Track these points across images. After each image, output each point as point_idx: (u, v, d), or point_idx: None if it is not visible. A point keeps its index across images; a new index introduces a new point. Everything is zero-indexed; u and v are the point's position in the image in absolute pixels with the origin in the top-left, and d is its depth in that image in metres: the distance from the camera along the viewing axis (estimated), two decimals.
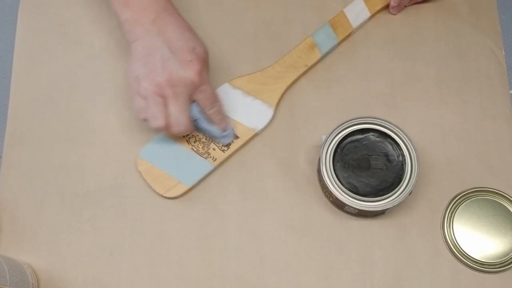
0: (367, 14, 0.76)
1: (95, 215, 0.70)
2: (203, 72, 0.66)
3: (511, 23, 0.78)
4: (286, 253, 0.69)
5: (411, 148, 0.66)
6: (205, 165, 0.71)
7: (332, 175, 0.66)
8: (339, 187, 0.66)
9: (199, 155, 0.71)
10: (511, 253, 0.68)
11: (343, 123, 0.67)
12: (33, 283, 0.66)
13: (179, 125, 0.66)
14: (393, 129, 0.67)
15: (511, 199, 0.69)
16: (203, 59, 0.66)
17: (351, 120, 0.67)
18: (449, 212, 0.69)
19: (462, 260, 0.68)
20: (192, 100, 0.67)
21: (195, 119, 0.68)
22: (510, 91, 0.74)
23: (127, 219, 0.70)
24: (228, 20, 0.78)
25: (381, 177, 0.66)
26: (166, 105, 0.65)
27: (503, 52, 0.76)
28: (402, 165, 0.66)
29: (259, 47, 0.76)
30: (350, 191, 0.66)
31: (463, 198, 0.70)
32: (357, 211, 0.66)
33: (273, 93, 0.73)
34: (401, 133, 0.67)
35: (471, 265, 0.67)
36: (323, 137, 0.68)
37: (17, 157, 0.73)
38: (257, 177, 0.71)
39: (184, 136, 0.72)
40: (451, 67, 0.75)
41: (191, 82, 0.65)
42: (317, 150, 0.70)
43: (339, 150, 0.67)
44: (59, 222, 0.70)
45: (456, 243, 0.68)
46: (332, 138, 0.67)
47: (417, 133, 0.72)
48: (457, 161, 0.71)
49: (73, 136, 0.73)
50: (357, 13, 0.76)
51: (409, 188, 0.65)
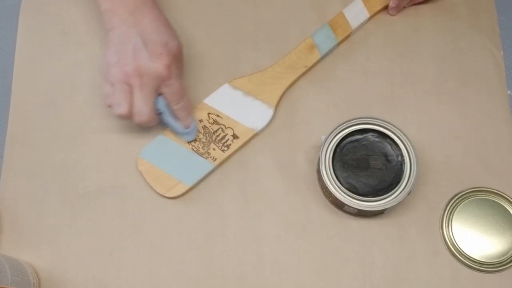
0: (366, 14, 0.76)
1: (96, 215, 0.70)
2: (172, 66, 0.67)
3: (509, 24, 0.78)
4: (285, 252, 0.69)
5: (410, 148, 0.66)
6: (205, 165, 0.71)
7: (331, 175, 0.66)
8: (338, 187, 0.66)
9: (199, 155, 0.71)
10: (510, 253, 0.68)
11: (343, 124, 0.68)
12: (34, 283, 0.66)
13: (141, 115, 0.67)
14: (392, 130, 0.67)
15: (509, 199, 0.70)
16: (174, 54, 0.67)
17: (351, 120, 0.68)
18: (448, 211, 0.70)
19: (460, 259, 0.68)
20: (159, 93, 0.68)
21: (160, 112, 0.69)
22: (508, 92, 0.75)
23: (127, 218, 0.70)
24: (228, 20, 0.78)
25: (380, 177, 0.66)
26: (131, 94, 0.66)
27: (502, 52, 0.76)
28: (401, 165, 0.66)
29: (259, 48, 0.76)
30: (349, 191, 0.66)
31: (461, 198, 0.70)
32: (356, 211, 0.67)
33: (273, 93, 0.73)
34: (400, 133, 0.67)
35: (470, 264, 0.68)
36: (323, 137, 0.68)
37: (18, 157, 0.73)
38: (257, 177, 0.72)
39: None
40: (450, 68, 0.76)
41: (158, 74, 0.66)
42: (316, 150, 0.71)
43: (338, 150, 0.67)
44: (60, 221, 0.70)
45: (454, 243, 0.68)
46: (331, 138, 0.67)
47: (416, 133, 0.72)
48: (455, 161, 0.72)
49: (73, 135, 0.73)
50: (357, 14, 0.76)
51: (408, 188, 0.65)
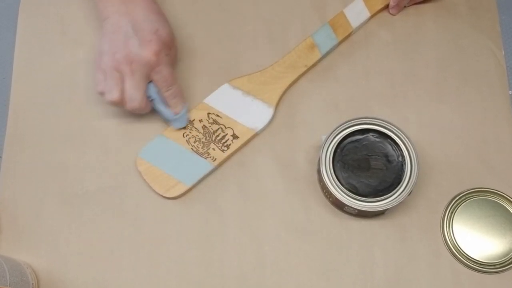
0: (367, 14, 0.76)
1: (95, 215, 0.70)
2: (162, 53, 0.68)
3: (511, 23, 0.77)
4: (286, 253, 0.69)
5: (410, 148, 0.66)
6: (205, 165, 0.71)
7: (332, 176, 0.66)
8: (339, 188, 0.66)
9: (198, 155, 0.71)
10: (511, 254, 0.68)
11: (343, 124, 0.68)
12: (33, 283, 0.66)
13: (132, 101, 0.68)
14: (393, 130, 0.67)
15: (510, 200, 0.69)
16: (164, 41, 0.68)
17: (351, 120, 0.68)
18: (448, 212, 0.69)
19: (461, 260, 0.68)
20: (149, 79, 0.69)
21: (152, 99, 0.69)
22: (509, 91, 0.74)
23: (126, 219, 0.70)
24: (228, 20, 0.78)
25: (381, 178, 0.66)
26: (123, 81, 0.67)
27: (503, 52, 0.76)
28: (401, 165, 0.66)
29: (259, 47, 0.76)
30: (350, 191, 0.66)
31: (462, 198, 0.70)
32: (357, 211, 0.66)
33: (273, 93, 0.73)
34: (401, 133, 0.67)
35: (471, 265, 0.67)
36: (323, 138, 0.68)
37: (17, 157, 0.73)
38: (257, 177, 0.72)
39: (183, 136, 0.72)
40: (451, 67, 0.75)
41: (147, 61, 0.67)
42: (317, 150, 0.70)
43: (339, 150, 0.67)
44: (59, 222, 0.70)
45: (455, 243, 0.68)
46: (332, 138, 0.67)
47: (417, 133, 0.72)
48: (456, 161, 0.72)
49: (73, 136, 0.73)
50: (357, 13, 0.76)
51: (409, 188, 0.65)
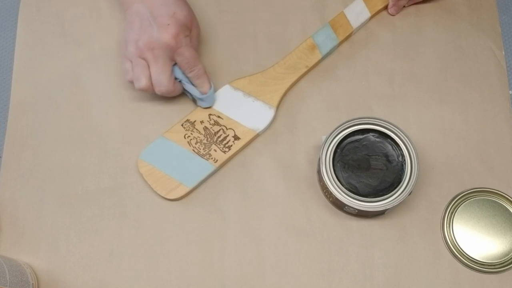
0: (367, 14, 0.76)
1: (95, 216, 0.70)
2: (181, 35, 0.68)
3: (511, 23, 0.77)
4: (286, 253, 0.69)
5: (411, 148, 0.66)
6: (206, 166, 0.71)
7: (332, 176, 0.66)
8: (339, 188, 0.66)
9: (200, 157, 0.71)
10: (511, 253, 0.68)
11: (343, 124, 0.67)
12: (33, 283, 0.66)
13: (160, 86, 0.69)
14: (393, 130, 0.67)
15: (511, 200, 0.69)
16: (182, 23, 0.69)
17: (351, 120, 0.68)
18: (449, 212, 0.69)
19: (462, 260, 0.68)
20: (174, 62, 0.70)
21: (180, 81, 0.71)
22: (510, 91, 0.74)
23: (126, 219, 0.70)
24: (228, 21, 0.78)
25: (381, 178, 0.66)
26: (148, 68, 0.69)
27: (503, 52, 0.76)
28: (402, 165, 0.66)
29: (259, 48, 0.76)
30: (350, 191, 0.66)
31: (463, 198, 0.70)
32: (357, 211, 0.66)
33: (274, 94, 0.73)
34: (401, 133, 0.67)
35: (471, 265, 0.67)
36: (323, 138, 0.68)
37: (17, 157, 0.73)
38: (258, 178, 0.71)
39: (185, 137, 0.72)
40: (451, 67, 0.75)
41: (167, 45, 0.68)
42: (317, 150, 0.70)
43: (339, 150, 0.67)
44: (59, 222, 0.70)
45: (456, 243, 0.68)
46: (332, 138, 0.67)
47: (417, 133, 0.72)
48: (457, 161, 0.72)
49: (73, 136, 0.73)
50: (357, 14, 0.76)
51: (409, 188, 0.65)
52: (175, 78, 0.70)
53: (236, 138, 0.72)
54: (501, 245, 0.68)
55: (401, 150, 0.66)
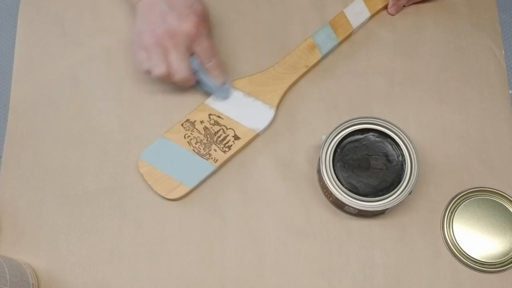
0: (367, 14, 0.76)
1: (95, 216, 0.70)
2: (201, 26, 0.69)
3: (511, 23, 0.77)
4: (286, 253, 0.69)
5: (411, 148, 0.66)
6: (206, 166, 0.71)
7: (332, 175, 0.66)
8: (339, 187, 0.66)
9: (200, 156, 0.71)
10: (511, 253, 0.68)
11: (343, 123, 0.67)
12: (33, 283, 0.66)
13: (180, 72, 0.69)
14: (393, 129, 0.67)
15: (511, 199, 0.69)
16: (201, 14, 0.69)
17: (351, 120, 0.68)
18: (449, 212, 0.69)
19: (462, 260, 0.68)
20: (191, 52, 0.70)
21: (195, 71, 0.70)
22: (510, 91, 0.74)
23: (126, 219, 0.70)
24: (228, 21, 0.78)
25: (381, 177, 0.66)
26: (166, 55, 0.68)
27: (503, 52, 0.76)
28: (402, 165, 0.66)
29: (259, 48, 0.76)
30: (350, 191, 0.66)
31: (463, 198, 0.70)
32: (357, 211, 0.66)
33: (274, 94, 0.73)
34: (401, 133, 0.67)
35: (471, 265, 0.67)
36: (323, 137, 0.68)
37: (17, 157, 0.73)
38: (258, 177, 0.71)
39: (185, 137, 0.72)
40: (451, 67, 0.75)
41: (189, 33, 0.68)
42: (317, 150, 0.70)
43: (339, 150, 0.67)
44: (59, 222, 0.70)
45: (456, 243, 0.68)
46: (332, 138, 0.67)
47: (417, 133, 0.72)
48: (457, 161, 0.71)
49: (73, 136, 0.73)
50: (357, 14, 0.76)
51: (409, 188, 0.65)
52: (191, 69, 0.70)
53: (236, 138, 0.72)
54: (501, 244, 0.68)
55: (401, 149, 0.66)
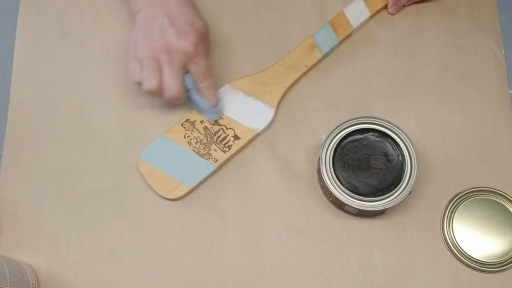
0: (367, 14, 0.76)
1: (95, 215, 0.70)
2: (199, 45, 0.68)
3: (511, 23, 0.77)
4: (286, 253, 0.69)
5: (410, 148, 0.66)
6: (207, 166, 0.71)
7: (332, 175, 0.66)
8: (339, 187, 0.66)
9: (200, 156, 0.71)
10: (511, 253, 0.68)
11: (343, 123, 0.67)
12: (33, 283, 0.66)
13: (171, 90, 0.68)
14: (393, 129, 0.67)
15: (510, 199, 0.69)
16: (201, 33, 0.68)
17: (351, 120, 0.68)
18: (449, 211, 0.69)
19: (461, 259, 0.68)
20: (186, 70, 0.69)
21: (188, 89, 0.70)
22: (510, 91, 0.74)
23: (127, 219, 0.70)
24: (228, 20, 0.78)
25: (381, 177, 0.66)
26: (160, 70, 0.67)
27: (503, 51, 0.76)
28: (402, 165, 0.66)
29: (259, 48, 0.76)
30: (350, 191, 0.66)
31: (462, 197, 0.70)
32: (357, 211, 0.66)
33: (274, 93, 0.73)
34: (401, 133, 0.67)
35: (471, 264, 0.67)
36: (323, 137, 0.68)
37: (17, 157, 0.73)
38: (258, 177, 0.71)
39: (185, 137, 0.72)
40: (451, 67, 0.75)
41: (186, 51, 0.67)
42: (317, 150, 0.70)
43: (339, 150, 0.67)
44: (59, 222, 0.70)
45: (455, 243, 0.68)
46: (332, 138, 0.67)
47: (417, 133, 0.72)
48: (457, 161, 0.71)
49: (73, 136, 0.73)
50: (357, 13, 0.75)
51: (409, 188, 0.65)
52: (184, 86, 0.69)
53: (236, 137, 0.72)
54: (501, 244, 0.68)
55: (401, 149, 0.66)
